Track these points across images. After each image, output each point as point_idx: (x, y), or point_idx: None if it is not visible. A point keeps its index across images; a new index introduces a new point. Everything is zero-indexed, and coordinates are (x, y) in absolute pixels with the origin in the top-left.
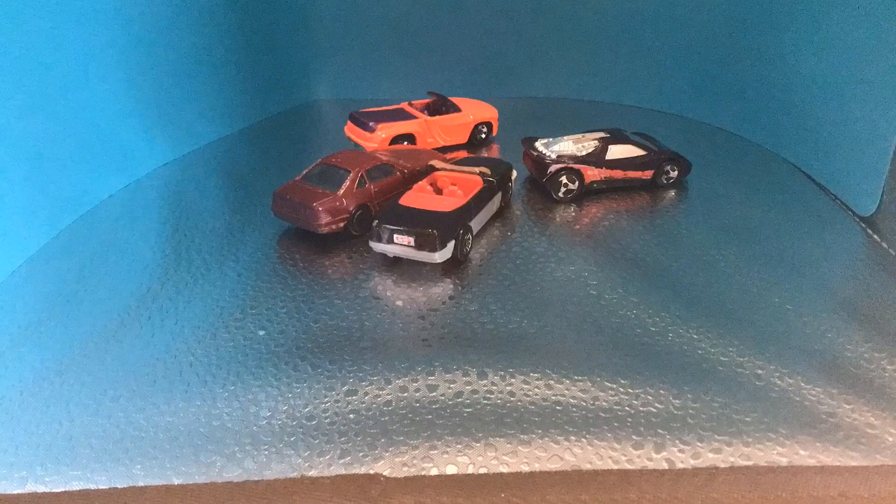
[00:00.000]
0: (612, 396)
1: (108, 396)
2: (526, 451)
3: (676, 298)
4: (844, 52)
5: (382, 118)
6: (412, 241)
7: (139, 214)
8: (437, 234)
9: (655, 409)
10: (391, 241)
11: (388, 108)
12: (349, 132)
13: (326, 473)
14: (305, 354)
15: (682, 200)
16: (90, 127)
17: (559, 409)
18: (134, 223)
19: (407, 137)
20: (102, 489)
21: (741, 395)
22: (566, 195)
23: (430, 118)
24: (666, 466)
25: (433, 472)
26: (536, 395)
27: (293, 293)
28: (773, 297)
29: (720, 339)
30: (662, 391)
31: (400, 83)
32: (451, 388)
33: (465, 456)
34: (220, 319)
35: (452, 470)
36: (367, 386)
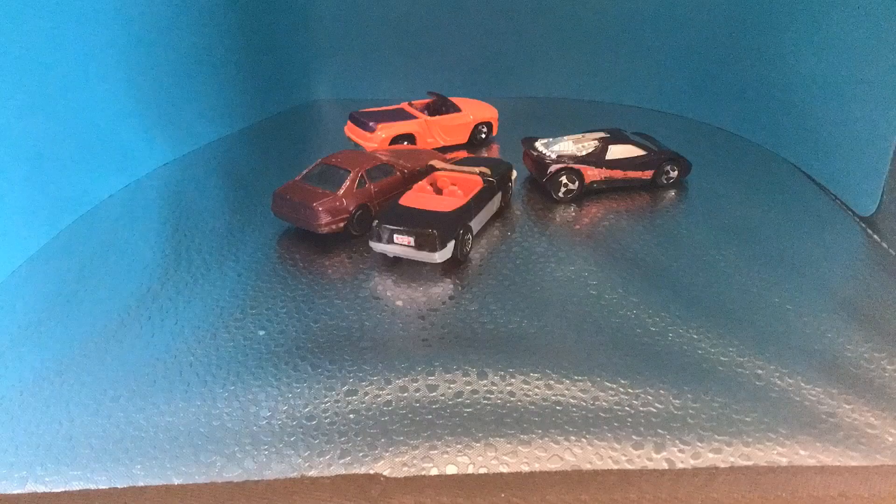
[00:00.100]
0: (612, 396)
1: (108, 396)
2: (526, 451)
3: (676, 298)
4: (844, 52)
5: (382, 118)
6: (412, 241)
7: (139, 214)
8: (437, 234)
9: (655, 409)
10: (391, 241)
11: (388, 108)
12: (349, 132)
13: (326, 473)
14: (305, 354)
15: (682, 200)
16: (90, 127)
17: (559, 409)
18: (134, 223)
19: (407, 137)
20: (102, 489)
21: (741, 395)
22: (566, 195)
23: (430, 118)
24: (666, 466)
25: (433, 472)
26: (536, 395)
27: (293, 293)
28: (773, 297)
29: (720, 339)
30: (662, 391)
31: (400, 83)
32: (451, 388)
33: (465, 456)
34: (220, 319)
35: (452, 470)
36: (367, 386)
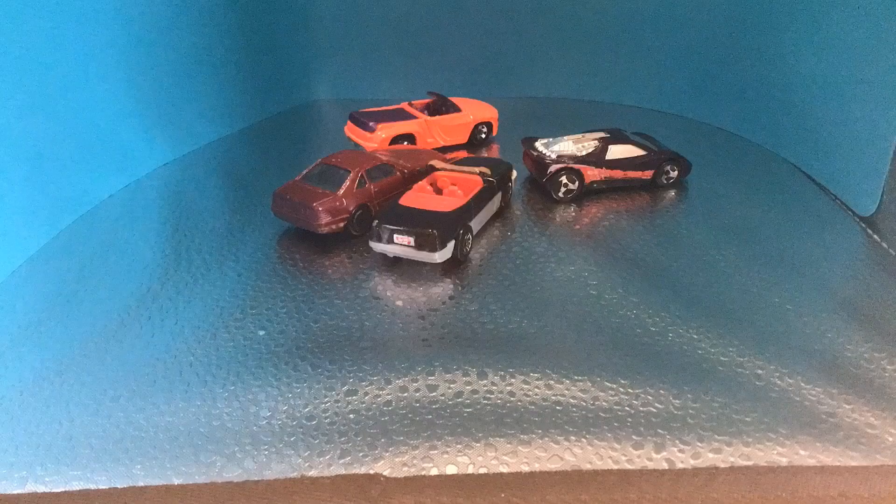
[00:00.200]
0: (612, 396)
1: (108, 396)
2: (526, 451)
3: (676, 298)
4: (844, 52)
5: (382, 118)
6: (412, 241)
7: (139, 214)
8: (437, 234)
9: (655, 409)
10: (391, 241)
11: (388, 108)
12: (349, 132)
13: (326, 473)
14: (305, 354)
15: (682, 200)
16: (90, 127)
17: (559, 409)
18: (134, 223)
19: (407, 137)
20: (102, 489)
21: (741, 395)
22: (566, 195)
23: (430, 118)
24: (666, 466)
25: (433, 472)
26: (536, 395)
27: (293, 293)
28: (773, 297)
29: (720, 339)
30: (662, 391)
31: (400, 83)
32: (451, 388)
33: (465, 456)
34: (220, 319)
35: (452, 470)
36: (367, 386)
